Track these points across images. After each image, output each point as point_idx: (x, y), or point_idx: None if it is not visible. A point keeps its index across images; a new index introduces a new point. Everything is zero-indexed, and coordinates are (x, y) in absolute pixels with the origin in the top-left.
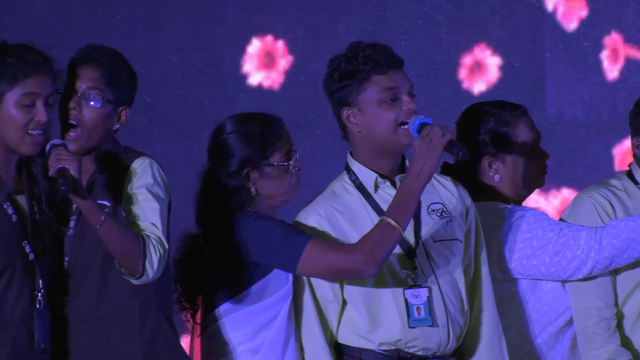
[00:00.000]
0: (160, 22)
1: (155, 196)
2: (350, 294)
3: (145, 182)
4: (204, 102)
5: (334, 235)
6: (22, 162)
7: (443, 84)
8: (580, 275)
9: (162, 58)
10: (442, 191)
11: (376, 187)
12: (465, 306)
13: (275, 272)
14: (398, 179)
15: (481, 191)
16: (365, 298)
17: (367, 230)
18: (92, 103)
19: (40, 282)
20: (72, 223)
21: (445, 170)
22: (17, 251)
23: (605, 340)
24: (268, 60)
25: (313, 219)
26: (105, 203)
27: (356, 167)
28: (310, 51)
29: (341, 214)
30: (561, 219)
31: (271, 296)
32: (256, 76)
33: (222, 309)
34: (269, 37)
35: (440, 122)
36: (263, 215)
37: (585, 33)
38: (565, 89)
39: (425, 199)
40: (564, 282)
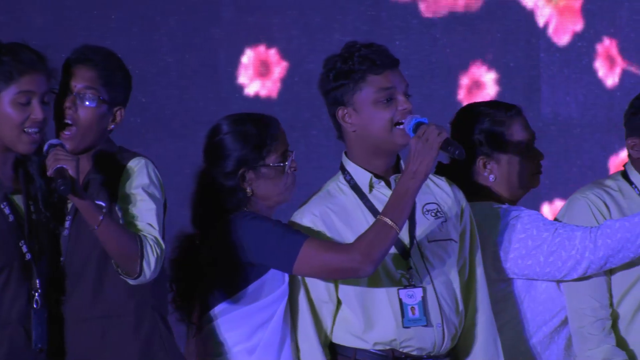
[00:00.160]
0: (155, 22)
1: (152, 196)
2: (344, 294)
3: (141, 183)
4: (198, 102)
5: (329, 235)
6: (18, 161)
7: (438, 84)
8: (575, 275)
9: (157, 58)
10: (437, 191)
11: (371, 187)
12: (460, 306)
13: (271, 272)
14: (393, 179)
15: (476, 191)
16: (360, 298)
17: (362, 231)
18: (87, 102)
19: (37, 282)
20: (67, 223)
21: (440, 170)
22: (14, 251)
23: (601, 341)
24: (263, 69)
25: (308, 219)
26: (101, 203)
27: (351, 167)
28: (305, 51)
29: (336, 214)
30: (556, 219)
31: (267, 296)
32: (252, 87)
33: (217, 309)
34: (262, 47)
35: (435, 122)
36: (259, 216)
37: (581, 34)
38: (560, 89)
39: (420, 199)
40: (559, 282)
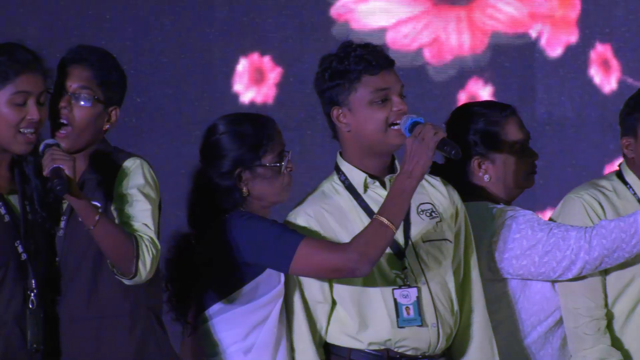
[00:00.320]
0: (150, 22)
1: (147, 196)
2: (339, 294)
3: (136, 183)
4: (193, 102)
5: (324, 235)
6: (14, 161)
7: (433, 83)
8: (569, 276)
9: (152, 58)
10: (432, 191)
11: (365, 187)
12: (455, 306)
13: (267, 272)
14: (387, 179)
15: (471, 191)
16: (355, 298)
17: (356, 231)
18: (82, 102)
19: (33, 282)
20: (62, 223)
21: (435, 170)
22: (10, 251)
23: (596, 341)
24: (258, 76)
25: (302, 219)
26: (96, 204)
27: (345, 167)
28: (299, 51)
29: (331, 214)
30: (551, 219)
31: (263, 296)
32: (247, 94)
33: (213, 309)
34: (256, 55)
35: (430, 122)
36: (255, 216)
37: (575, 43)
38: (555, 89)
39: (414, 199)
40: (554, 282)
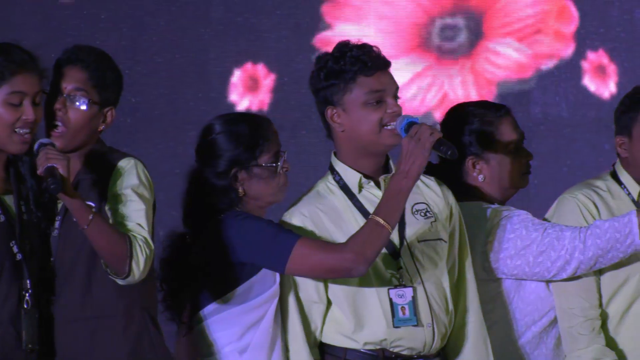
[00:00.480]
0: (145, 22)
1: (141, 197)
2: (334, 294)
3: (130, 183)
4: (188, 102)
5: (319, 235)
6: (9, 161)
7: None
8: (564, 276)
9: (147, 58)
10: (426, 191)
11: (360, 187)
12: (450, 306)
13: (263, 273)
14: (382, 179)
15: (465, 191)
16: (350, 298)
17: (351, 231)
18: (77, 104)
19: (28, 282)
20: (57, 223)
21: (430, 170)
22: (5, 251)
23: (591, 340)
24: (252, 84)
25: (298, 219)
26: (90, 204)
27: (340, 167)
28: (294, 51)
29: (326, 214)
30: (545, 219)
31: (258, 297)
32: (243, 103)
33: (208, 309)
34: (249, 65)
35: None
36: (251, 215)
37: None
38: (550, 89)
39: (409, 199)
40: (548, 282)
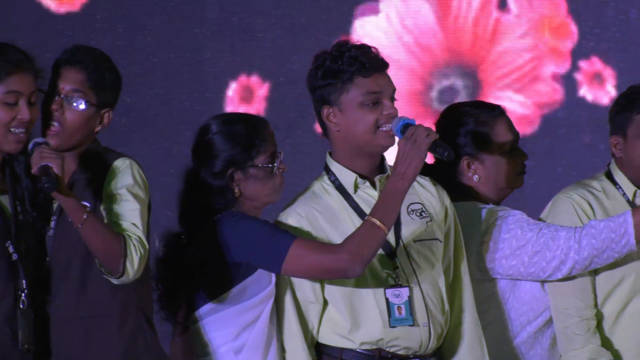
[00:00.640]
0: (140, 22)
1: (136, 196)
2: (331, 294)
3: (125, 183)
4: (183, 102)
5: (315, 235)
6: (5, 161)
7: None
8: (559, 276)
9: (142, 58)
10: (422, 191)
11: (356, 187)
12: (446, 306)
13: (258, 273)
14: (377, 179)
15: (460, 191)
16: (346, 298)
17: (347, 231)
18: (74, 105)
19: (23, 282)
20: (52, 223)
21: (424, 170)
22: (1, 251)
23: (586, 340)
24: (247, 95)
25: (294, 219)
26: (85, 204)
27: (335, 167)
28: (289, 51)
29: (322, 215)
30: (540, 219)
31: (254, 297)
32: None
33: (204, 309)
34: (243, 76)
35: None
36: (247, 216)
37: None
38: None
39: (405, 200)
40: (544, 282)
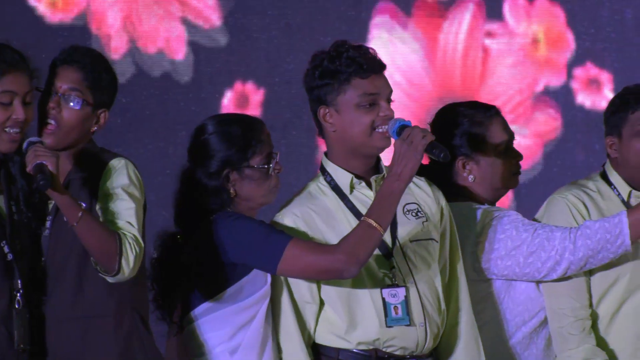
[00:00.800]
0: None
1: (131, 196)
2: (327, 295)
3: (121, 183)
4: (179, 102)
5: (311, 236)
6: (0, 161)
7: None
8: (554, 276)
9: None
10: (417, 192)
11: (352, 188)
12: (442, 305)
13: (254, 273)
14: (373, 179)
15: (455, 192)
16: (343, 298)
17: (344, 232)
18: (71, 104)
19: (19, 282)
20: (48, 223)
21: (420, 170)
22: None
23: (581, 341)
24: (243, 101)
25: (290, 219)
26: (81, 204)
27: (331, 167)
28: (285, 51)
29: (318, 215)
30: (535, 220)
31: (249, 297)
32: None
33: (199, 309)
34: (238, 84)
35: (413, 124)
36: (242, 216)
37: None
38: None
39: (400, 200)
40: (539, 282)
